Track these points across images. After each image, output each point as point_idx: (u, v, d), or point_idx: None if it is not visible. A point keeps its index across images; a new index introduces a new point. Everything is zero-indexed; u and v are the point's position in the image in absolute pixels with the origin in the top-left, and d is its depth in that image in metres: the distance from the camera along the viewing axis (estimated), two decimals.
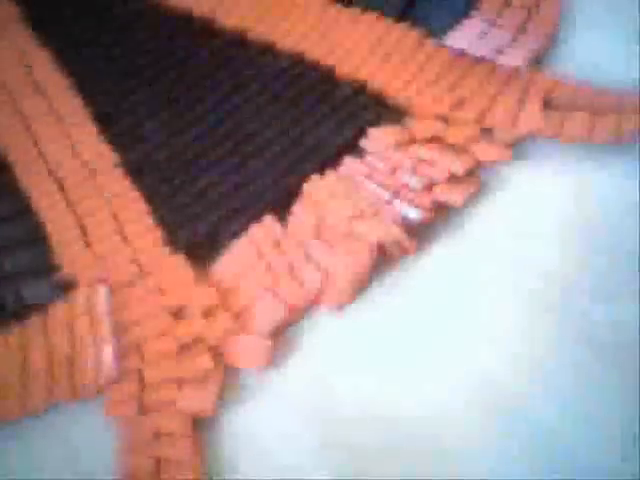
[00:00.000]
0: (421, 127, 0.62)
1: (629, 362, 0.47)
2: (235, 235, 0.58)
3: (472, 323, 0.51)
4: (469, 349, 0.50)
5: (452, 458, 0.45)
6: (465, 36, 0.70)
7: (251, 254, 0.56)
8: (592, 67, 0.65)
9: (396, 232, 0.55)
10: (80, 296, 0.55)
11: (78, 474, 0.48)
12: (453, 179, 0.58)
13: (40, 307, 0.55)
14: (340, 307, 0.54)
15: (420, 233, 0.56)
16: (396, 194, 0.57)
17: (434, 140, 0.60)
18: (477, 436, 0.46)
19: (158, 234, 0.59)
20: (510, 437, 0.46)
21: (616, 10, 0.67)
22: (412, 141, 0.61)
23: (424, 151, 0.59)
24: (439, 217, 0.57)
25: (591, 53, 0.65)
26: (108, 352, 0.51)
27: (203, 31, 0.80)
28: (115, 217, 0.61)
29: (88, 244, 0.60)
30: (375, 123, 0.64)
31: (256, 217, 0.59)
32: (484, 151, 0.59)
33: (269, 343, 0.51)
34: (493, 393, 0.48)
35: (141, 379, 0.50)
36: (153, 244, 0.58)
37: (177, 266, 0.56)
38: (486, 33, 0.70)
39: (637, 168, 0.58)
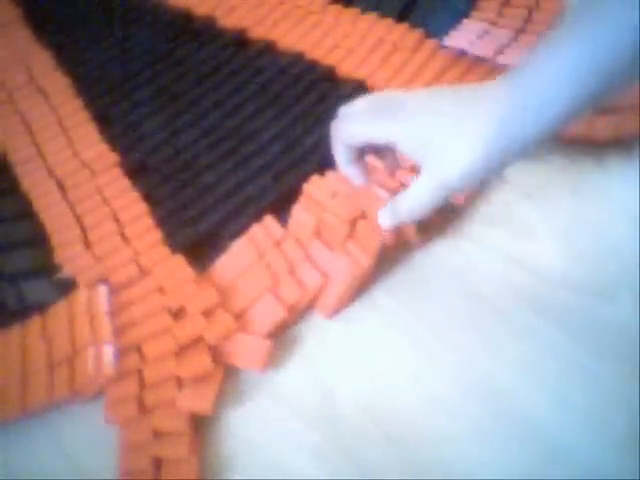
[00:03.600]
0: None
1: (629, 362, 0.47)
2: (235, 235, 0.58)
3: (472, 323, 0.51)
4: (469, 349, 0.50)
5: (450, 462, 0.45)
6: (465, 36, 0.70)
7: (251, 254, 0.56)
8: None
9: (398, 233, 0.55)
10: (80, 296, 0.55)
11: (78, 474, 0.48)
12: None
13: (40, 307, 0.55)
14: (335, 313, 0.54)
15: (420, 233, 0.57)
16: (396, 194, 0.57)
17: None
18: (476, 439, 0.46)
19: (158, 234, 0.59)
20: (509, 437, 0.46)
21: None
22: None
23: None
24: (439, 217, 0.57)
25: None
26: (108, 352, 0.51)
27: (203, 31, 0.80)
28: (115, 217, 0.61)
29: (88, 244, 0.60)
30: None
31: (256, 217, 0.59)
32: None
33: (269, 343, 0.51)
34: (493, 394, 0.48)
35: (141, 379, 0.50)
36: (153, 244, 0.58)
37: (177, 266, 0.56)
38: (486, 33, 0.70)
39: (637, 168, 0.58)
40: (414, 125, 0.47)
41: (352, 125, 0.50)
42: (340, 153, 0.51)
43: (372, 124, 0.49)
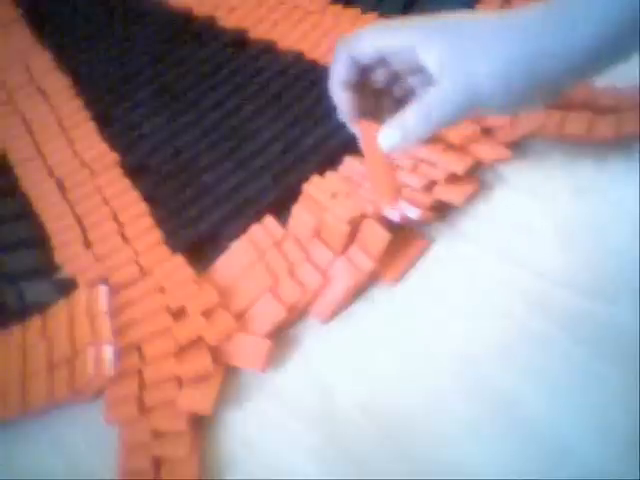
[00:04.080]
0: None
1: (629, 362, 0.47)
2: (235, 235, 0.58)
3: (472, 322, 0.51)
4: (470, 349, 0.50)
5: (450, 461, 0.45)
6: None
7: (251, 254, 0.56)
8: None
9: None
10: (80, 296, 0.55)
11: (78, 474, 0.48)
12: (453, 179, 0.58)
13: (40, 307, 0.55)
14: (332, 318, 0.53)
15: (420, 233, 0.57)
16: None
17: (434, 140, 0.60)
18: (477, 439, 0.46)
19: (158, 234, 0.59)
20: (510, 437, 0.46)
21: None
22: None
23: (424, 151, 0.59)
24: (439, 217, 0.57)
25: None
26: (108, 351, 0.51)
27: (203, 31, 0.80)
28: (115, 217, 0.61)
29: (88, 244, 0.60)
30: None
31: (256, 217, 0.59)
32: (484, 151, 0.59)
33: (269, 343, 0.51)
34: (494, 394, 0.48)
35: (141, 379, 0.50)
36: (153, 244, 0.59)
37: (177, 266, 0.56)
38: None
39: (637, 168, 0.58)
40: (436, 27, 0.42)
41: (364, 35, 0.43)
42: (338, 69, 0.43)
43: (388, 31, 0.43)
